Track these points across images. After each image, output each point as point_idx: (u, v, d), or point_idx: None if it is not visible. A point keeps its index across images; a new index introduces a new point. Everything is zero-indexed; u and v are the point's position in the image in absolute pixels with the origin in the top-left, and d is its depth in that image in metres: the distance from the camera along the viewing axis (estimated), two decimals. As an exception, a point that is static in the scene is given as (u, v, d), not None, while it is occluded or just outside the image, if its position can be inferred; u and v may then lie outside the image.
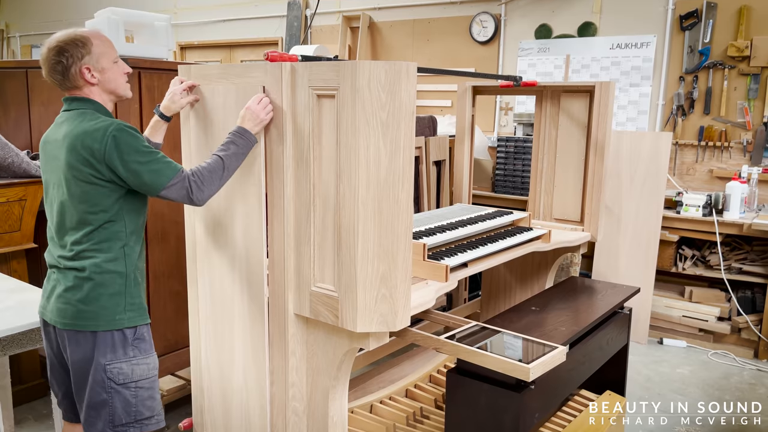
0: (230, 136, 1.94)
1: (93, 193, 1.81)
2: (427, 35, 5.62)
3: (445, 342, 2.13)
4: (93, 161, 1.77)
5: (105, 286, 1.84)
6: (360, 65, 1.77)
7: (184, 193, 1.82)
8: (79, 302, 1.83)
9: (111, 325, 1.84)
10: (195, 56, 7.45)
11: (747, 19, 4.18)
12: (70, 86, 1.86)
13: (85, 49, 1.83)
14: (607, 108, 3.23)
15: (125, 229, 1.87)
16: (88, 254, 1.83)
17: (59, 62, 1.82)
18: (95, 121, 1.81)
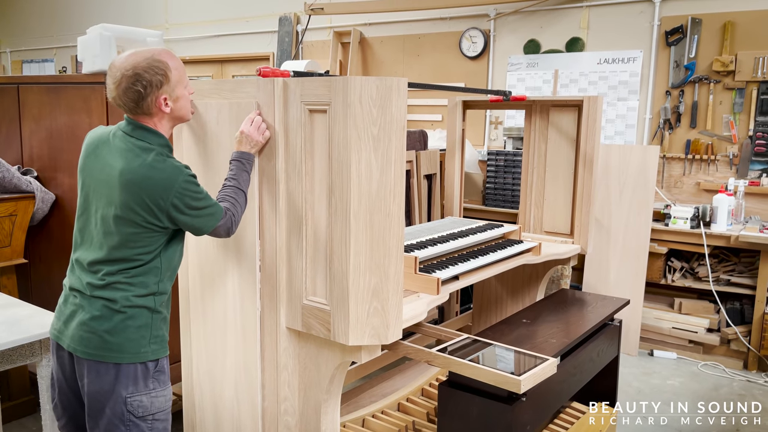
0: (236, 164, 1.97)
1: (143, 236, 1.77)
2: (418, 50, 5.67)
3: (437, 355, 2.14)
4: (155, 209, 1.74)
5: (134, 319, 1.79)
6: (351, 81, 1.80)
7: (226, 231, 1.90)
8: (106, 333, 1.76)
9: (135, 358, 1.79)
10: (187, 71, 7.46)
11: (731, 34, 4.26)
12: (140, 113, 1.77)
13: (164, 77, 1.75)
14: (595, 122, 3.27)
15: (161, 266, 1.84)
16: (121, 287, 1.78)
17: (135, 90, 1.72)
18: (161, 165, 1.74)
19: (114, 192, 1.75)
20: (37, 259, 3.29)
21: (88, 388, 1.79)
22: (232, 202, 1.93)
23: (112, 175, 1.75)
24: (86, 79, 2.91)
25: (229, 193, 1.94)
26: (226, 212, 1.89)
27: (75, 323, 1.80)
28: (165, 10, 7.38)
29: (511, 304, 3.68)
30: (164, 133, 1.84)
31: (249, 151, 1.98)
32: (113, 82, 1.73)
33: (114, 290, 1.77)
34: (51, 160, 3.14)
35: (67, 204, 3.10)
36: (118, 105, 1.77)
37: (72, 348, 1.80)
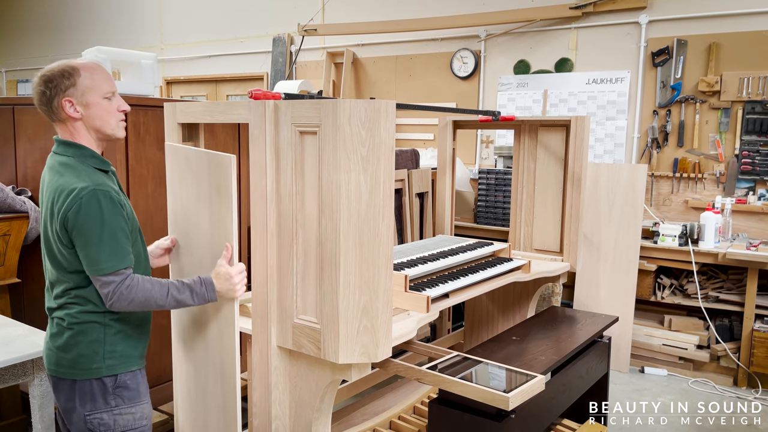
0: (195, 284, 1.85)
1: (65, 254, 1.73)
2: (410, 71, 5.75)
3: (427, 372, 2.16)
4: (59, 223, 1.69)
5: (84, 334, 1.77)
6: (341, 104, 1.84)
7: (104, 294, 1.71)
8: (59, 349, 1.79)
9: (89, 374, 1.77)
10: (181, 91, 7.54)
11: (716, 55, 4.34)
12: (56, 119, 1.77)
13: (70, 80, 1.73)
14: (582, 141, 3.33)
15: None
16: (68, 306, 1.78)
17: (44, 93, 1.73)
18: (73, 177, 1.70)
19: (43, 214, 1.79)
20: (30, 279, 3.30)
21: (58, 405, 1.86)
22: (144, 286, 1.74)
23: (43, 194, 1.80)
24: (81, 100, 2.95)
25: (157, 284, 1.77)
26: (122, 275, 1.71)
27: (45, 341, 1.87)
28: (160, 31, 7.46)
29: (502, 322, 3.71)
30: (87, 144, 1.79)
31: (219, 292, 1.89)
32: (32, 89, 1.78)
33: (63, 309, 1.79)
34: (45, 180, 3.17)
35: (60, 223, 3.12)
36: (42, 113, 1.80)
37: (46, 367, 1.87)
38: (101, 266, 1.68)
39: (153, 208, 2.98)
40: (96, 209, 1.67)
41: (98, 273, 1.69)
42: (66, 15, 8.33)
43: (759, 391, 3.91)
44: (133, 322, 1.88)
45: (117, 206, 1.71)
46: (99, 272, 1.69)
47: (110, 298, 1.70)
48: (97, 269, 1.69)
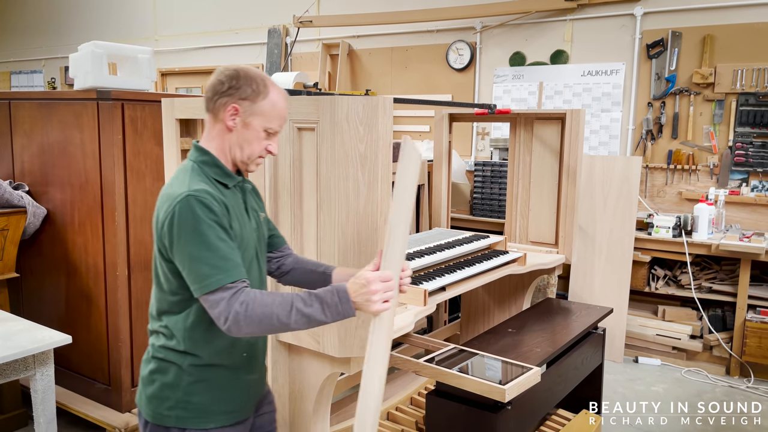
0: (325, 294, 1.47)
1: (164, 268, 1.52)
2: (405, 63, 5.75)
3: (424, 365, 2.20)
4: (158, 232, 1.49)
5: (160, 372, 1.56)
6: (339, 100, 1.86)
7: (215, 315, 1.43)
8: (141, 379, 1.62)
9: (158, 419, 1.56)
10: (176, 82, 7.52)
11: (710, 47, 4.36)
12: (209, 110, 1.57)
13: (253, 93, 1.53)
14: (578, 134, 3.35)
15: (192, 314, 1.53)
16: (156, 333, 1.60)
17: (222, 83, 1.54)
18: (178, 185, 1.49)
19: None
20: (29, 273, 3.32)
21: None
22: (261, 300, 1.43)
23: None
24: (78, 95, 2.95)
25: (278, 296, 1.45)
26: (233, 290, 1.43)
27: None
28: (154, 22, 7.42)
29: (498, 313, 3.75)
30: (213, 151, 1.58)
31: (355, 305, 1.47)
32: (217, 72, 1.58)
33: (153, 334, 1.61)
34: (42, 175, 3.18)
35: (58, 218, 3.13)
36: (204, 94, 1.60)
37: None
38: (206, 282, 1.42)
39: (151, 203, 2.99)
40: (190, 218, 1.43)
41: (204, 291, 1.43)
42: (60, 5, 8.27)
43: (751, 380, 3.96)
44: (228, 367, 1.60)
45: (217, 214, 1.46)
46: (204, 290, 1.42)
47: (225, 321, 1.41)
48: (201, 287, 1.43)
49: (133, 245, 2.94)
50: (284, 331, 1.45)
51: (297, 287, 1.81)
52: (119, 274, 2.90)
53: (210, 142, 1.59)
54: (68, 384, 3.17)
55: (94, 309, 3.02)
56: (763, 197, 4.26)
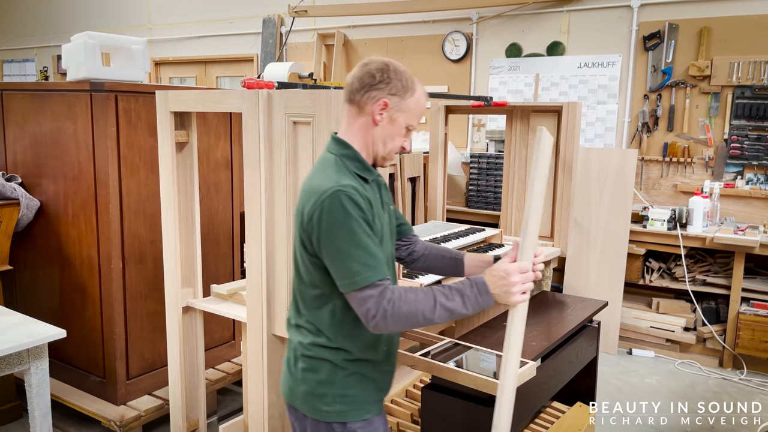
0: (464, 287, 1.47)
1: (307, 263, 1.53)
2: (401, 53, 5.72)
3: (420, 359, 2.19)
4: (304, 226, 1.49)
5: (313, 371, 1.57)
6: (335, 94, 1.84)
7: (363, 313, 1.43)
8: (292, 377, 1.61)
9: (317, 415, 1.57)
10: (170, 72, 7.46)
11: (707, 40, 4.35)
12: (354, 102, 1.56)
13: (402, 90, 1.54)
14: (574, 128, 3.34)
15: (337, 310, 1.54)
16: (302, 330, 1.59)
17: (373, 76, 1.53)
18: (322, 178, 1.48)
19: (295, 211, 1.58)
20: (22, 266, 3.30)
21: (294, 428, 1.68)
22: (407, 297, 1.43)
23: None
24: (71, 86, 2.92)
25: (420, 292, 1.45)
26: (382, 286, 1.43)
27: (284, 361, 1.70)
28: (147, 11, 7.35)
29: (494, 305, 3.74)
30: (354, 144, 1.57)
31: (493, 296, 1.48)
32: (362, 64, 1.57)
33: (298, 332, 1.61)
34: (36, 167, 3.15)
35: (51, 210, 3.11)
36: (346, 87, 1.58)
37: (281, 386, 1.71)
38: (355, 279, 1.42)
39: (145, 195, 2.97)
40: (340, 213, 1.42)
41: (353, 288, 1.43)
42: (51, -6, 8.18)
43: (744, 372, 3.99)
44: (373, 361, 1.61)
45: (363, 210, 1.45)
46: (353, 286, 1.43)
47: (373, 319, 1.42)
48: (350, 283, 1.43)
49: (127, 237, 2.92)
50: (428, 325, 1.47)
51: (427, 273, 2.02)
52: (113, 267, 2.89)
53: (351, 136, 1.57)
54: (63, 376, 3.17)
55: (88, 301, 3.01)
56: (758, 190, 4.27)
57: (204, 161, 3.19)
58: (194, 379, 2.62)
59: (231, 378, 3.34)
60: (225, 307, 2.44)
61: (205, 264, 2.86)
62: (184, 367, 2.55)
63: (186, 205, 2.49)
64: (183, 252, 2.50)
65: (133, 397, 3.01)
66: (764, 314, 3.91)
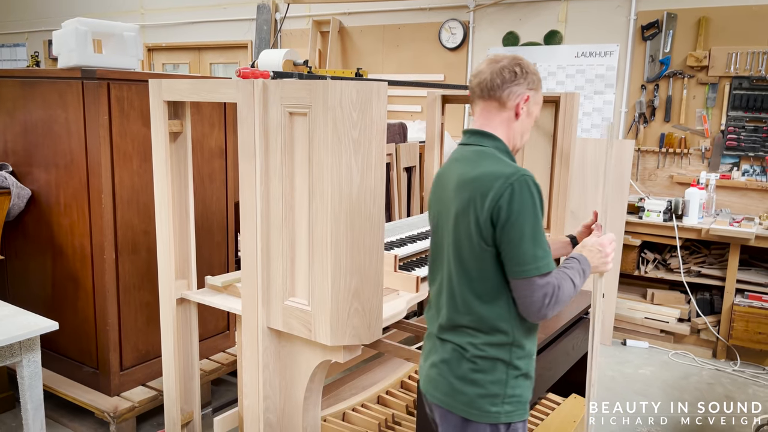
0: (580, 264, 1.60)
1: (479, 255, 1.50)
2: (397, 41, 5.67)
3: (416, 352, 2.18)
4: (486, 213, 1.47)
5: (486, 372, 1.53)
6: (332, 85, 1.81)
7: (539, 299, 1.44)
8: (456, 380, 1.56)
9: (485, 418, 1.53)
10: (163, 58, 7.38)
11: (705, 29, 4.33)
12: (494, 97, 1.61)
13: (537, 84, 1.64)
14: (572, 118, 3.31)
15: (512, 302, 1.51)
16: (469, 331, 1.55)
17: (515, 74, 1.59)
18: (494, 165, 1.51)
19: (451, 211, 1.56)
20: (13, 256, 3.26)
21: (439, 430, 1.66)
22: (563, 285, 1.48)
23: (449, 191, 1.59)
24: (62, 73, 2.87)
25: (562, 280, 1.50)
26: (552, 276, 1.46)
27: (428, 363, 1.67)
28: (140, -4, 7.26)
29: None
30: (502, 138, 1.62)
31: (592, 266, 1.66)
32: (494, 60, 1.62)
33: (462, 334, 1.57)
34: (26, 155, 3.11)
35: (43, 200, 3.07)
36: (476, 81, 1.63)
37: (425, 388, 1.67)
38: (539, 264, 1.43)
39: (138, 184, 2.93)
40: (529, 197, 1.44)
41: (535, 273, 1.43)
42: (42, -23, 8.05)
43: (737, 364, 4.01)
44: (532, 359, 1.62)
45: (541, 199, 1.48)
46: (536, 272, 1.43)
47: (546, 306, 1.45)
48: (533, 268, 1.43)
49: (120, 227, 2.89)
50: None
51: None
52: (106, 257, 2.86)
53: (495, 130, 1.62)
54: (55, 367, 3.15)
55: (81, 292, 2.98)
56: (754, 182, 4.27)
57: (198, 150, 3.15)
58: (189, 371, 2.60)
59: (225, 369, 3.33)
60: (220, 299, 2.42)
61: (199, 254, 2.83)
62: (179, 360, 2.53)
63: (180, 196, 2.45)
64: (177, 244, 2.47)
65: (127, 388, 3.00)
66: (758, 306, 3.93)
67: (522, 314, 1.49)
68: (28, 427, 2.31)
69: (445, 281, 1.60)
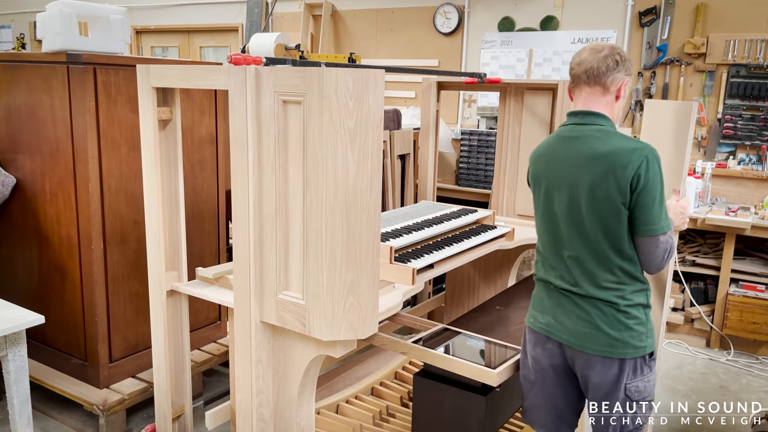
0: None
1: (618, 220, 1.76)
2: (391, 25, 5.57)
3: (412, 346, 2.14)
4: (626, 182, 1.72)
5: (632, 317, 1.82)
6: (327, 72, 1.74)
7: (660, 254, 1.77)
8: (612, 330, 1.81)
9: (636, 353, 1.83)
10: (151, 41, 7.24)
11: (704, 16, 4.27)
12: (599, 84, 1.84)
13: (631, 69, 1.90)
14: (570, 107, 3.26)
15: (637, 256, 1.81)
16: (614, 286, 1.81)
17: (617, 63, 1.84)
18: (621, 140, 1.77)
19: (584, 182, 1.79)
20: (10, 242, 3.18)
21: (593, 379, 1.87)
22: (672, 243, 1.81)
23: (568, 163, 1.83)
24: (46, 57, 2.77)
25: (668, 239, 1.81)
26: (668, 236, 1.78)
27: (572, 319, 1.87)
28: (128, -23, 7.10)
29: (484, 287, 3.71)
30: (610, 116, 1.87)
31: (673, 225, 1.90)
32: (595, 50, 1.85)
33: (608, 289, 1.81)
34: (10, 142, 3.01)
35: (28, 188, 2.99)
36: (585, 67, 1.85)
37: (571, 342, 1.87)
38: (662, 225, 1.75)
39: (127, 173, 2.86)
40: (658, 168, 1.74)
41: (660, 231, 1.75)
42: (26, -43, 7.86)
43: (731, 353, 4.01)
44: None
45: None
46: (664, 229, 1.76)
47: (666, 259, 1.79)
48: (658, 227, 1.74)
49: (108, 217, 2.82)
50: None
51: None
52: (94, 247, 2.78)
53: (602, 110, 1.86)
54: (43, 358, 3.08)
55: (68, 283, 2.91)
56: (750, 170, 4.24)
57: (188, 137, 3.07)
58: (180, 365, 2.55)
59: (217, 359, 3.28)
60: (211, 291, 2.36)
61: (189, 243, 2.77)
62: (169, 353, 2.48)
63: (170, 186, 2.38)
64: (167, 234, 2.41)
65: (116, 380, 2.94)
66: (753, 295, 3.92)
67: (644, 268, 1.82)
68: (14, 422, 2.26)
69: (582, 245, 1.82)
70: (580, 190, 1.80)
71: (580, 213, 1.81)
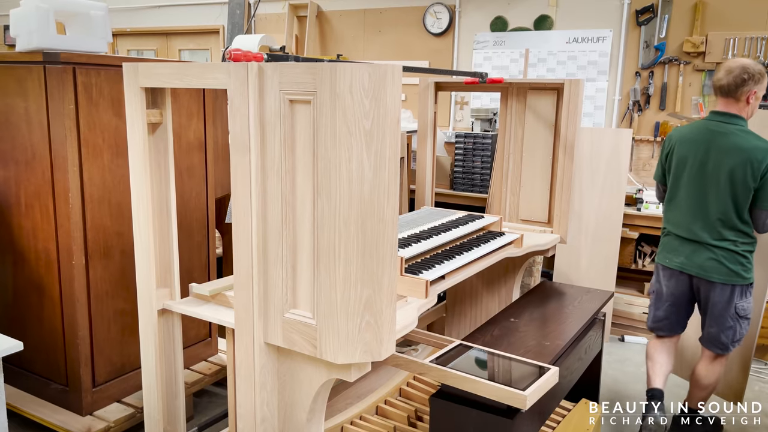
0: None
1: (746, 197, 2.55)
2: (379, 26, 5.42)
3: (431, 366, 1.98)
4: (755, 167, 2.50)
5: (741, 261, 2.63)
6: (340, 68, 1.57)
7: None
8: (731, 264, 2.62)
9: (744, 281, 2.65)
10: (128, 44, 6.99)
11: (702, 14, 4.19)
12: (732, 96, 2.58)
13: (759, 79, 2.55)
14: (576, 107, 3.13)
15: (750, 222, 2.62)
16: (734, 240, 2.62)
17: (751, 75, 2.53)
18: (759, 141, 2.53)
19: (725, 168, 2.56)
20: None
21: (713, 299, 2.69)
22: None
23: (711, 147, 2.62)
24: (20, 57, 2.56)
25: None
26: None
27: (702, 258, 2.68)
28: (103, -22, 6.84)
29: (487, 295, 3.56)
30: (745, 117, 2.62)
31: None
32: (728, 71, 2.57)
33: (729, 240, 2.62)
34: (-19, 150, 2.78)
35: (1, 199, 2.76)
36: (721, 87, 2.60)
37: (698, 273, 2.69)
38: None
39: (110, 182, 2.64)
40: None
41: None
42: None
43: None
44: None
45: None
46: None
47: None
48: None
49: (90, 229, 2.60)
50: None
51: None
52: (75, 263, 2.57)
53: (739, 113, 2.60)
54: (20, 383, 2.85)
55: (46, 301, 2.69)
56: (752, 171, 4.16)
57: (175, 143, 2.86)
58: (172, 389, 2.35)
59: (208, 380, 3.07)
60: (207, 310, 2.16)
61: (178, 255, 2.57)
62: (161, 377, 2.27)
63: (160, 195, 2.18)
64: (158, 248, 2.20)
65: (101, 405, 2.72)
66: (759, 299, 3.83)
67: (756, 229, 2.64)
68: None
69: (717, 211, 2.62)
70: (721, 171, 2.57)
71: (718, 188, 2.58)
